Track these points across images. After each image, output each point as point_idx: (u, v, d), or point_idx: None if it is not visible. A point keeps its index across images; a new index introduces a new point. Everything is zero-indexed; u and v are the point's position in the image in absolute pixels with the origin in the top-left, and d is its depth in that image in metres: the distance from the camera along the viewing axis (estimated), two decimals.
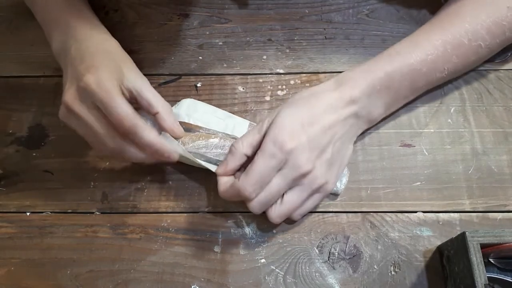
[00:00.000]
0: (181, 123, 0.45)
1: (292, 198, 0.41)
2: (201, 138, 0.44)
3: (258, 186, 0.39)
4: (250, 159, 0.41)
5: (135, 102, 0.42)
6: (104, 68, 0.40)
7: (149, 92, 0.42)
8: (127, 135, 0.40)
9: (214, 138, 0.45)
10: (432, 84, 0.47)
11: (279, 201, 0.41)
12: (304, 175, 0.40)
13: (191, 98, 0.49)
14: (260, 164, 0.39)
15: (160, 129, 0.43)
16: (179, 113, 0.46)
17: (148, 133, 0.40)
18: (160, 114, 0.42)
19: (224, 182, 0.42)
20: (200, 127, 0.46)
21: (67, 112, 0.41)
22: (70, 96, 0.40)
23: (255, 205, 0.40)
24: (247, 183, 0.39)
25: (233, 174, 0.42)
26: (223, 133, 0.46)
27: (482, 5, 0.45)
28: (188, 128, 0.46)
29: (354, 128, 0.45)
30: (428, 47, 0.44)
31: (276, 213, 0.41)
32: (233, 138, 0.45)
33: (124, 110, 0.39)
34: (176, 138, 0.44)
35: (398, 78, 0.44)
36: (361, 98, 0.43)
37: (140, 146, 0.41)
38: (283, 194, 0.41)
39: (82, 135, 0.42)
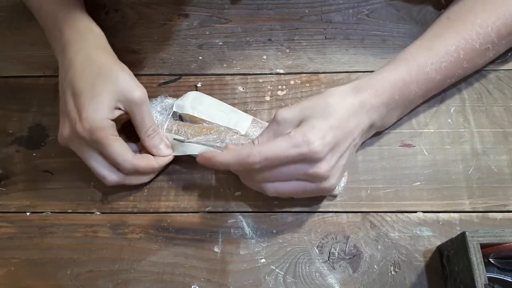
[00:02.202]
0: (185, 115, 0.47)
1: (295, 188, 0.40)
2: (203, 130, 0.45)
3: (266, 163, 0.38)
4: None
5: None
6: (97, 106, 0.41)
7: (138, 116, 0.43)
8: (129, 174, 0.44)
9: (216, 131, 0.45)
10: (439, 90, 0.47)
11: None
12: (319, 177, 0.39)
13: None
14: (281, 147, 0.38)
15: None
16: (184, 105, 0.47)
17: (147, 164, 0.44)
18: (144, 140, 0.45)
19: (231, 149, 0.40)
20: (204, 120, 0.47)
21: (66, 145, 0.44)
22: (66, 136, 0.42)
23: (266, 187, 0.40)
24: (258, 153, 0.38)
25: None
26: (226, 127, 0.46)
27: (492, 6, 0.45)
28: (192, 120, 0.47)
29: (365, 136, 0.45)
30: (442, 53, 0.44)
31: (274, 188, 0.40)
32: (235, 132, 0.46)
33: (121, 155, 0.41)
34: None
35: (414, 88, 0.44)
36: (380, 107, 0.42)
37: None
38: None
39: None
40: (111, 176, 0.43)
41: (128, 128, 0.45)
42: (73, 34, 0.46)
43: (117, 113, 0.43)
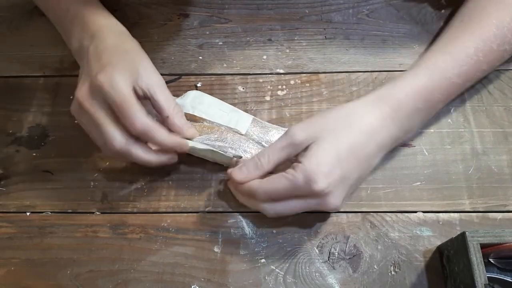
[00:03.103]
0: (186, 114, 0.46)
1: (295, 209, 0.40)
2: (204, 130, 0.45)
3: (269, 198, 0.40)
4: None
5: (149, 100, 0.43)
6: (119, 67, 0.40)
7: (161, 95, 0.42)
8: (138, 136, 0.41)
9: (216, 130, 0.45)
10: (459, 94, 0.47)
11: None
12: (328, 209, 0.40)
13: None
14: (281, 185, 0.38)
15: (170, 130, 0.43)
16: (184, 104, 0.47)
17: (160, 134, 0.41)
18: (169, 118, 0.42)
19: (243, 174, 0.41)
20: (204, 119, 0.47)
21: (79, 108, 0.41)
22: (83, 92, 0.40)
23: (266, 209, 0.41)
24: (261, 189, 0.39)
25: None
26: (226, 126, 0.46)
27: (505, 6, 0.44)
28: (192, 119, 0.47)
29: (384, 151, 0.43)
30: (462, 56, 0.43)
31: (274, 210, 0.41)
32: (235, 131, 0.46)
33: (135, 111, 0.39)
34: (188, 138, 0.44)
35: (437, 95, 0.43)
36: (402, 120, 0.41)
37: (148, 146, 0.42)
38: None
39: (90, 133, 0.42)
40: (118, 137, 0.40)
41: None
42: (97, 16, 0.46)
43: (137, 86, 0.41)
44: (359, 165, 0.40)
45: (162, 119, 0.43)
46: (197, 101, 0.48)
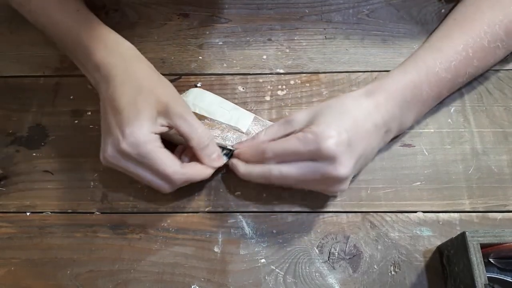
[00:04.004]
0: None
1: (302, 170, 0.39)
2: (205, 127, 0.45)
3: (277, 158, 0.40)
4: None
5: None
6: (139, 122, 0.39)
7: (185, 126, 0.41)
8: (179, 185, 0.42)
9: (217, 128, 0.46)
10: (453, 90, 0.48)
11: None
12: (335, 179, 0.39)
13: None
14: (291, 144, 0.39)
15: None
16: (186, 102, 0.47)
17: (199, 176, 0.42)
18: (195, 148, 0.42)
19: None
20: (205, 117, 0.47)
21: (110, 164, 0.41)
22: (110, 154, 0.40)
23: (273, 171, 0.40)
24: (270, 148, 0.40)
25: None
26: (227, 124, 0.46)
27: (500, 6, 0.45)
28: None
29: (383, 141, 0.44)
30: (451, 53, 0.44)
31: (279, 171, 0.40)
32: (236, 130, 0.46)
33: (169, 170, 0.40)
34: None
35: (425, 88, 0.44)
36: (393, 110, 0.42)
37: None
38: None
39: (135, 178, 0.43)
40: (165, 186, 0.41)
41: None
42: (104, 50, 0.44)
43: (161, 128, 0.41)
44: (362, 139, 0.40)
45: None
46: (199, 99, 0.48)
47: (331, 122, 0.39)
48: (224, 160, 0.44)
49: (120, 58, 0.44)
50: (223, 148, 0.44)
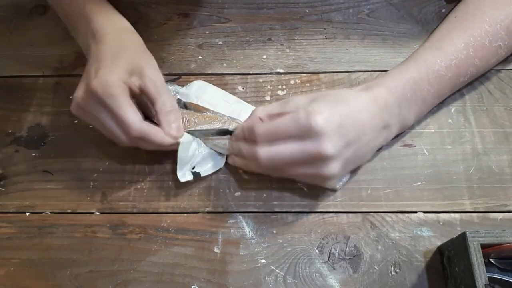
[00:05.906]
0: (190, 103, 0.47)
1: (290, 152, 0.39)
2: (207, 119, 0.46)
3: (269, 136, 0.39)
4: None
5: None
6: (114, 69, 0.41)
7: (152, 88, 0.42)
8: (136, 140, 0.42)
9: (219, 120, 0.46)
10: (455, 89, 0.47)
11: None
12: (322, 157, 0.38)
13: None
14: (282, 121, 0.39)
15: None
16: (189, 94, 0.48)
17: (155, 136, 0.42)
18: (157, 112, 0.43)
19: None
20: (208, 109, 0.47)
21: (78, 109, 0.42)
22: (80, 95, 0.42)
23: (260, 152, 0.40)
24: (262, 126, 0.40)
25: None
26: (229, 117, 0.47)
27: (501, 5, 0.45)
28: (196, 109, 0.47)
29: (381, 137, 0.43)
30: (451, 51, 0.44)
31: (269, 153, 0.40)
32: (238, 122, 0.46)
33: (129, 117, 0.40)
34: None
35: (425, 86, 0.44)
36: (392, 105, 0.42)
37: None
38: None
39: (98, 128, 0.43)
40: (122, 137, 0.42)
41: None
42: (104, 21, 0.46)
43: (132, 84, 0.42)
44: (356, 126, 0.39)
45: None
46: (201, 91, 0.48)
47: (326, 106, 0.39)
48: (184, 144, 0.43)
49: (116, 27, 0.46)
50: (219, 135, 0.45)
